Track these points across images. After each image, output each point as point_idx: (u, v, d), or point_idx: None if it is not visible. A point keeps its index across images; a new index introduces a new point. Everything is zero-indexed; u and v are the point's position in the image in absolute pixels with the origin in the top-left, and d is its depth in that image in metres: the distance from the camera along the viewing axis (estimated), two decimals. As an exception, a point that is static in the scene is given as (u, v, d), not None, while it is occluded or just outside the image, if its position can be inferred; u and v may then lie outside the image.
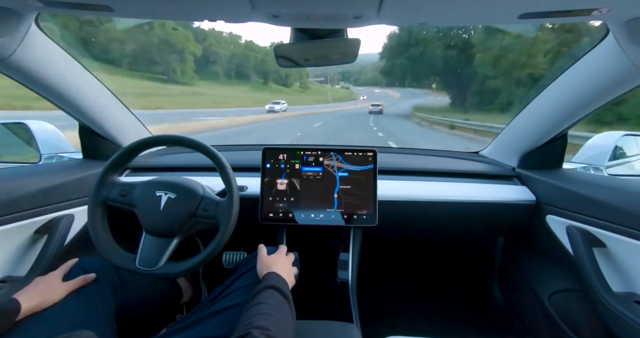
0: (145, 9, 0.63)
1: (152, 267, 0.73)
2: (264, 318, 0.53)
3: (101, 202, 0.76)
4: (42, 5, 0.58)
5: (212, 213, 0.76)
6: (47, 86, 0.84)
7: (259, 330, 0.49)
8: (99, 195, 0.76)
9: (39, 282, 0.67)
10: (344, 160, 0.98)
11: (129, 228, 0.85)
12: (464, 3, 0.54)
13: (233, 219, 0.74)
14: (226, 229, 0.74)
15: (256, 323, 0.51)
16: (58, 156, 1.22)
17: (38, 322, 0.60)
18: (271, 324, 0.52)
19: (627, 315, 0.68)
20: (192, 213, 0.76)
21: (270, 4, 0.55)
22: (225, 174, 0.77)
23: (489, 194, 1.04)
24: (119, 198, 0.77)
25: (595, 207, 0.81)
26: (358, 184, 0.97)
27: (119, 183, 0.79)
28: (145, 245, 0.75)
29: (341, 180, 0.97)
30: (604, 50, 0.73)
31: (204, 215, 0.76)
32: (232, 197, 0.75)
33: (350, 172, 0.97)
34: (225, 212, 0.75)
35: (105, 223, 0.77)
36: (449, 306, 1.33)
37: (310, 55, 0.76)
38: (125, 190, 0.77)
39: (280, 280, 0.66)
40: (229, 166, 0.78)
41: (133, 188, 0.78)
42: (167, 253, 0.74)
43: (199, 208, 0.76)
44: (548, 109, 0.95)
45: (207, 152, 0.78)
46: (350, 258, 0.98)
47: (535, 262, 1.09)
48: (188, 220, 0.75)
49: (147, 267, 0.73)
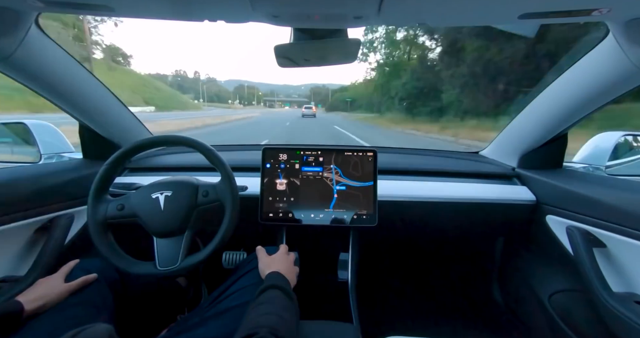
0: (145, 9, 0.63)
1: (174, 265, 0.73)
2: (270, 318, 0.53)
3: (101, 222, 0.75)
4: (42, 5, 0.59)
5: (213, 197, 0.77)
6: (47, 86, 0.84)
7: (267, 329, 0.49)
8: (97, 216, 0.75)
9: (40, 284, 0.67)
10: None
11: (136, 238, 0.86)
12: (464, 3, 0.54)
13: (235, 195, 0.75)
14: (233, 205, 0.75)
15: (263, 323, 0.51)
16: (58, 156, 1.22)
17: (40, 323, 0.60)
18: (278, 324, 0.51)
19: (627, 315, 0.68)
20: (194, 203, 0.76)
21: (270, 4, 0.55)
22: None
23: (489, 194, 1.04)
24: (117, 214, 0.75)
25: (595, 207, 0.81)
26: (358, 184, 0.97)
27: (112, 199, 0.78)
28: (160, 248, 0.75)
29: (340, 182, 0.97)
30: (604, 50, 0.73)
31: (206, 201, 0.77)
32: (228, 177, 0.76)
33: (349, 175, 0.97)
34: (225, 191, 0.76)
35: (113, 240, 0.77)
36: (449, 306, 1.33)
37: (310, 55, 0.76)
38: (121, 204, 0.76)
39: (283, 279, 0.66)
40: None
41: (128, 199, 0.77)
42: (183, 248, 0.74)
43: (199, 196, 0.77)
44: (548, 109, 0.95)
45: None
46: (350, 258, 0.98)
47: (535, 262, 1.09)
48: (192, 211, 0.76)
49: (169, 266, 0.73)
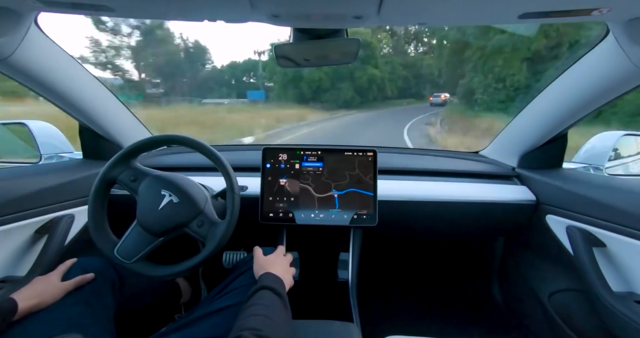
0: (145, 9, 0.63)
1: (128, 260, 0.72)
2: (255, 319, 0.53)
3: (110, 178, 0.76)
4: (42, 5, 0.59)
5: (203, 233, 0.74)
6: (47, 86, 0.84)
7: (249, 331, 0.49)
8: (111, 172, 0.76)
9: (36, 282, 0.67)
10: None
11: (125, 219, 0.85)
12: (464, 3, 0.54)
13: (220, 244, 0.72)
14: (208, 253, 0.72)
15: (247, 325, 0.51)
16: (58, 156, 1.22)
17: (35, 322, 0.60)
18: (262, 324, 0.51)
19: (627, 315, 0.68)
20: (185, 224, 0.74)
21: (270, 4, 0.55)
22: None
23: (489, 194, 1.04)
24: (127, 181, 0.77)
25: (595, 207, 0.81)
26: (358, 184, 0.97)
27: (135, 168, 0.79)
28: (131, 235, 0.75)
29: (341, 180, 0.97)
30: (604, 50, 0.73)
31: (195, 231, 0.74)
32: (230, 221, 0.73)
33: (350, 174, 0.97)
34: (216, 236, 0.73)
35: (105, 203, 0.77)
36: (449, 306, 1.33)
37: (310, 55, 0.76)
38: (136, 176, 0.77)
39: (274, 280, 0.66)
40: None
41: (144, 177, 0.78)
42: (146, 250, 0.73)
43: (194, 222, 0.75)
44: (548, 108, 0.95)
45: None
46: (350, 258, 0.98)
47: (535, 261, 1.09)
48: (179, 228, 0.74)
49: (124, 258, 0.73)
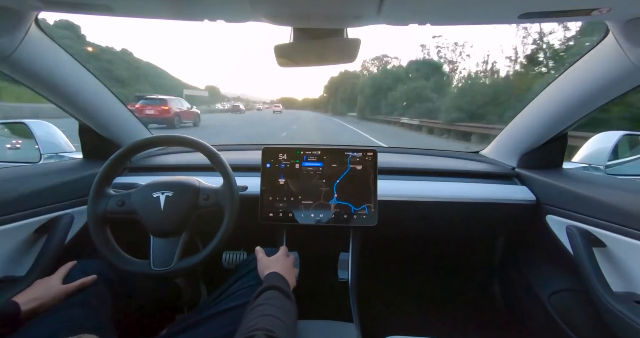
0: (144, 9, 0.63)
1: (168, 266, 0.73)
2: (267, 319, 0.53)
3: (101, 216, 0.75)
4: (42, 5, 0.59)
5: (213, 201, 0.77)
6: (47, 85, 0.84)
7: (263, 332, 0.48)
8: (97, 209, 0.75)
9: (38, 285, 0.67)
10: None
11: (132, 236, 0.85)
12: (464, 3, 0.54)
13: (236, 201, 0.76)
14: (232, 211, 0.75)
15: (260, 325, 0.50)
16: (58, 156, 1.22)
17: (37, 325, 0.60)
18: (275, 326, 0.51)
19: (627, 315, 0.68)
20: (195, 205, 0.76)
21: (269, 3, 0.55)
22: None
23: (489, 194, 1.04)
24: (117, 209, 0.76)
25: (595, 207, 0.81)
26: (358, 184, 0.97)
27: (114, 194, 0.78)
28: (156, 248, 0.75)
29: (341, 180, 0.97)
30: (604, 50, 0.73)
31: (207, 204, 0.77)
32: (230, 182, 0.76)
33: (349, 172, 0.97)
34: (226, 196, 0.76)
35: (110, 235, 0.77)
36: (449, 306, 1.33)
37: (310, 55, 0.76)
38: (121, 200, 0.76)
39: (282, 280, 0.66)
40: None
41: (129, 196, 0.77)
42: (178, 250, 0.74)
43: (200, 199, 0.77)
44: (548, 108, 0.95)
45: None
46: (350, 258, 0.98)
47: (535, 262, 1.09)
48: (192, 213, 0.76)
49: (163, 267, 0.73)
